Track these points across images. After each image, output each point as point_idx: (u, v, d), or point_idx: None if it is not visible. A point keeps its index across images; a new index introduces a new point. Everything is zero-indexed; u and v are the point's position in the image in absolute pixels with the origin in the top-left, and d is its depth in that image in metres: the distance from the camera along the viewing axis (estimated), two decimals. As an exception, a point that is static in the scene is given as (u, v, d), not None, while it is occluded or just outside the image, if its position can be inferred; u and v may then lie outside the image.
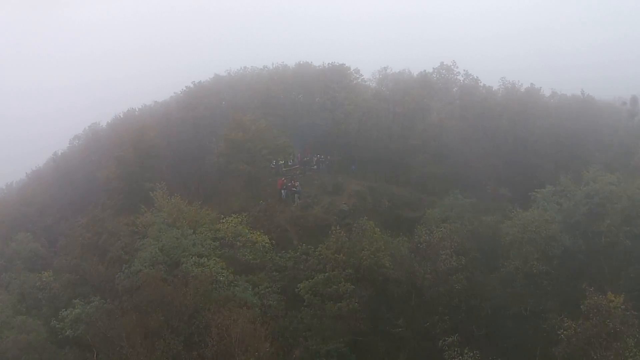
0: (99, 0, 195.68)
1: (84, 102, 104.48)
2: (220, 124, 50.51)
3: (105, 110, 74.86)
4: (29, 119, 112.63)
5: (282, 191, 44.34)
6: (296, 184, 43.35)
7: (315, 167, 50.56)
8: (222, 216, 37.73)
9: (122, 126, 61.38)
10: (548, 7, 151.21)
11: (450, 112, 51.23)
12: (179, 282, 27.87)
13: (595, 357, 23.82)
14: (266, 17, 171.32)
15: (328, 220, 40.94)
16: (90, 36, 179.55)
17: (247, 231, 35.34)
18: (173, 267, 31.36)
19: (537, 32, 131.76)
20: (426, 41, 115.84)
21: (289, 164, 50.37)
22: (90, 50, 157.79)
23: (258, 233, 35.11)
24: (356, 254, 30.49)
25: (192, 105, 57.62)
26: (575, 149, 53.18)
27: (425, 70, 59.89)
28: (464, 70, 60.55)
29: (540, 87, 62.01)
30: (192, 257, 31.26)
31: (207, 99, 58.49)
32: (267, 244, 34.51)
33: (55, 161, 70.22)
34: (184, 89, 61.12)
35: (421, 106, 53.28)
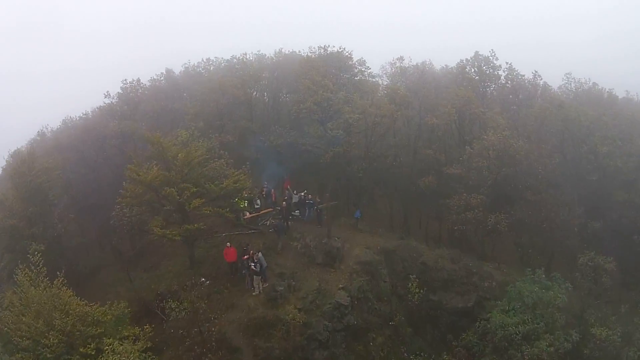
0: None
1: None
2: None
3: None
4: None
5: (240, 265, 26.04)
6: (256, 257, 24.71)
7: (297, 213, 31.96)
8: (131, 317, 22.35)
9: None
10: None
11: (512, 126, 32.21)
12: None
13: None
14: (259, 9, 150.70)
15: (312, 328, 23.01)
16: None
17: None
18: None
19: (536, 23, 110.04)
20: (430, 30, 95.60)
21: (256, 207, 31.57)
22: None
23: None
24: None
25: (124, 115, 39.28)
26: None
27: (462, 60, 41.16)
28: (507, 63, 41.84)
29: (612, 89, 43.89)
30: None
31: (145, 105, 40.41)
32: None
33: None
34: (119, 91, 42.14)
35: (461, 115, 34.76)
